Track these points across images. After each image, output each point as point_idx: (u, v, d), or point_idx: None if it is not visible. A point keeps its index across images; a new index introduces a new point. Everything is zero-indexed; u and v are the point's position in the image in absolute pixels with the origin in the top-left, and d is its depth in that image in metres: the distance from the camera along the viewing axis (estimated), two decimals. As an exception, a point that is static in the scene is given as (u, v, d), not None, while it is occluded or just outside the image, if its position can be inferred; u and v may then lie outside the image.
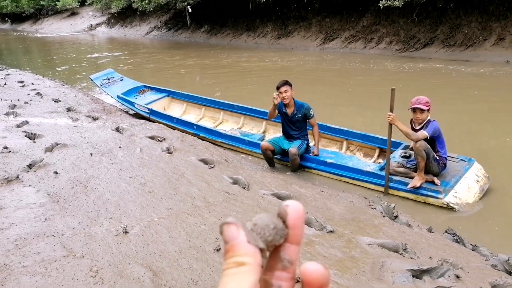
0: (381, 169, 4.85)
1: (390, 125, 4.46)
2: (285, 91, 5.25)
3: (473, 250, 3.23)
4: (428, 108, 4.43)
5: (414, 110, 4.46)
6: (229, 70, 13.53)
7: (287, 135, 5.60)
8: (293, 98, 5.39)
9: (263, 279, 0.38)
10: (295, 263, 0.39)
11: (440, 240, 3.30)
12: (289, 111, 5.45)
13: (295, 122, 5.46)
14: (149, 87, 8.85)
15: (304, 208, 0.39)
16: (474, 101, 8.12)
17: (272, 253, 0.39)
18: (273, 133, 6.72)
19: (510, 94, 8.59)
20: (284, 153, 5.47)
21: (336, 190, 4.69)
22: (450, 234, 3.47)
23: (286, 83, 5.32)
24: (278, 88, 5.32)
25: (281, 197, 3.89)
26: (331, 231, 3.14)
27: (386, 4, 13.34)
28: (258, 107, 7.06)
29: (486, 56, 11.79)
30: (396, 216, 3.73)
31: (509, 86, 9.10)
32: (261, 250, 0.37)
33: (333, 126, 6.07)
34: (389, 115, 4.38)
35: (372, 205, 4.03)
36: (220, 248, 2.74)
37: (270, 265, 0.38)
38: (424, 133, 4.35)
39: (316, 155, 5.40)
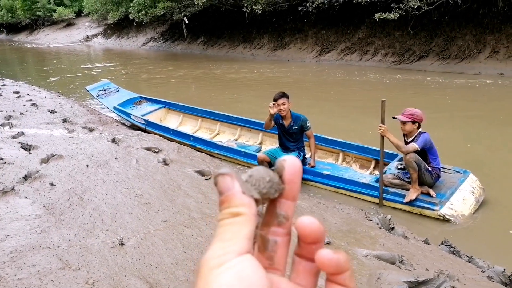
0: (377, 181, 4.85)
1: (382, 137, 4.49)
2: (283, 103, 5.25)
3: (469, 262, 3.24)
4: (411, 120, 4.47)
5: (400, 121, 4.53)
6: (216, 80, 13.66)
7: (284, 147, 5.61)
8: (290, 110, 5.42)
9: (259, 234, 0.38)
10: (291, 219, 0.39)
11: (436, 252, 3.30)
12: (286, 123, 5.47)
13: (291, 133, 5.48)
14: (145, 98, 8.86)
15: (301, 164, 0.39)
16: (467, 113, 8.18)
17: (269, 209, 0.39)
18: (270, 144, 6.73)
19: (502, 105, 8.67)
20: None
21: (332, 201, 4.69)
22: (446, 245, 3.47)
23: (283, 95, 5.31)
24: (275, 100, 5.32)
25: (277, 209, 3.88)
26: (328, 243, 3.13)
27: (381, 17, 13.49)
28: (253, 118, 7.09)
29: (481, 68, 11.91)
30: (393, 228, 3.74)
31: (503, 98, 9.20)
32: (256, 201, 0.36)
33: (329, 137, 6.09)
34: (380, 126, 4.41)
35: (368, 217, 4.04)
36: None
37: (266, 221, 0.38)
38: (414, 146, 4.39)
39: (312, 167, 5.41)
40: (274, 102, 5.26)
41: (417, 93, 10.27)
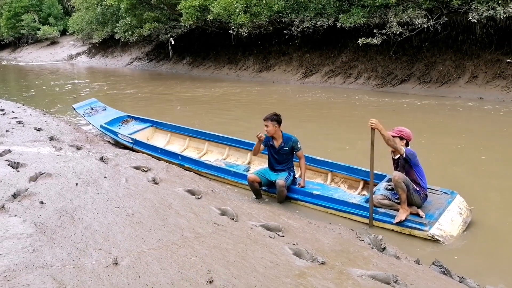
0: (366, 201, 4.90)
1: (372, 157, 4.57)
2: (265, 125, 5.43)
3: (460, 282, 3.28)
4: (399, 136, 4.67)
5: None
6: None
7: (273, 168, 5.64)
8: (281, 131, 5.47)
9: None
10: None
11: (428, 272, 3.34)
12: (276, 143, 5.51)
13: (282, 154, 5.51)
14: (132, 117, 8.83)
15: None
16: (451, 135, 8.38)
17: None
18: (258, 164, 6.75)
19: (483, 128, 8.92)
20: (271, 184, 5.50)
21: (323, 222, 4.71)
22: (437, 266, 3.52)
23: (270, 117, 5.42)
24: (264, 120, 5.45)
25: (270, 229, 3.88)
26: (323, 263, 3.14)
27: (365, 42, 13.83)
28: (242, 138, 7.12)
29: (461, 92, 12.26)
30: (384, 248, 3.77)
31: (484, 121, 9.48)
32: None
33: (318, 158, 6.15)
34: (371, 120, 4.46)
35: (359, 237, 4.07)
36: (212, 280, 2.71)
37: None
38: (402, 148, 4.55)
39: (302, 187, 5.45)
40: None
41: (400, 115, 10.48)
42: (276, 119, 5.44)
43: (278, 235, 3.74)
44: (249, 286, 2.70)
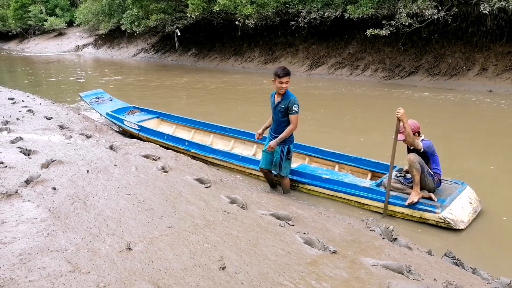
0: (378, 185, 4.91)
1: (394, 146, 4.53)
2: (286, 82, 4.77)
3: (473, 273, 3.27)
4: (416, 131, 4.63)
5: None
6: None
7: (273, 129, 5.15)
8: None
9: None
10: None
11: (441, 263, 3.33)
12: (276, 100, 4.97)
13: (277, 112, 4.96)
14: (138, 108, 8.85)
15: None
16: (459, 128, 8.33)
17: None
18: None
19: (493, 122, 8.86)
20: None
21: (332, 212, 4.70)
22: (449, 257, 3.51)
23: (288, 73, 4.81)
24: (279, 76, 4.75)
25: (280, 217, 3.88)
26: (334, 252, 3.14)
27: (373, 33, 13.71)
28: (245, 129, 7.12)
29: (470, 85, 12.15)
30: (395, 239, 3.76)
31: (493, 114, 9.40)
32: None
33: (326, 149, 6.11)
34: (399, 110, 4.38)
35: (370, 227, 4.06)
36: (225, 267, 2.71)
37: None
38: (419, 143, 4.52)
39: (271, 148, 4.94)
40: (276, 78, 4.79)
41: (409, 107, 10.40)
42: (290, 73, 4.85)
43: (288, 224, 3.74)
44: (261, 273, 2.71)
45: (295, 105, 4.81)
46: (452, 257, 3.53)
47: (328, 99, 11.99)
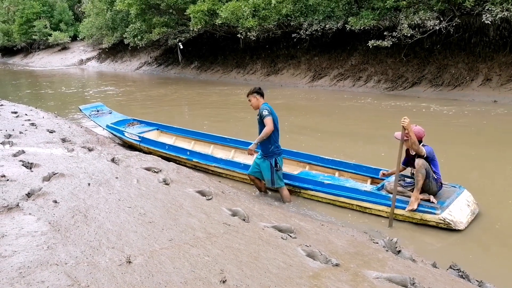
0: (379, 189, 4.99)
1: (400, 153, 4.58)
2: (249, 100, 5.38)
3: (479, 287, 3.22)
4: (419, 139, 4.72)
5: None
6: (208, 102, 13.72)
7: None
8: (265, 103, 5.33)
9: None
10: None
11: (446, 275, 3.29)
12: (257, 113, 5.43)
13: (259, 124, 5.35)
14: (138, 120, 8.89)
15: None
16: (464, 137, 8.30)
17: None
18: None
19: (496, 131, 8.82)
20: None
21: (335, 224, 4.67)
22: (454, 269, 3.46)
23: (250, 92, 5.36)
24: (247, 97, 5.43)
25: (282, 230, 3.85)
26: (337, 265, 3.11)
27: (375, 44, 13.75)
28: (245, 139, 7.15)
29: (474, 96, 12.12)
30: (399, 251, 3.72)
31: (497, 123, 9.37)
32: None
33: (326, 157, 6.14)
34: (404, 119, 4.47)
35: (373, 240, 4.02)
36: (225, 280, 2.68)
37: None
38: (423, 148, 4.62)
39: (250, 151, 5.25)
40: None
41: (413, 118, 10.38)
42: (255, 91, 5.33)
43: (290, 236, 3.71)
44: (262, 286, 2.67)
45: (264, 110, 5.16)
46: (457, 269, 3.48)
47: (329, 110, 11.99)
